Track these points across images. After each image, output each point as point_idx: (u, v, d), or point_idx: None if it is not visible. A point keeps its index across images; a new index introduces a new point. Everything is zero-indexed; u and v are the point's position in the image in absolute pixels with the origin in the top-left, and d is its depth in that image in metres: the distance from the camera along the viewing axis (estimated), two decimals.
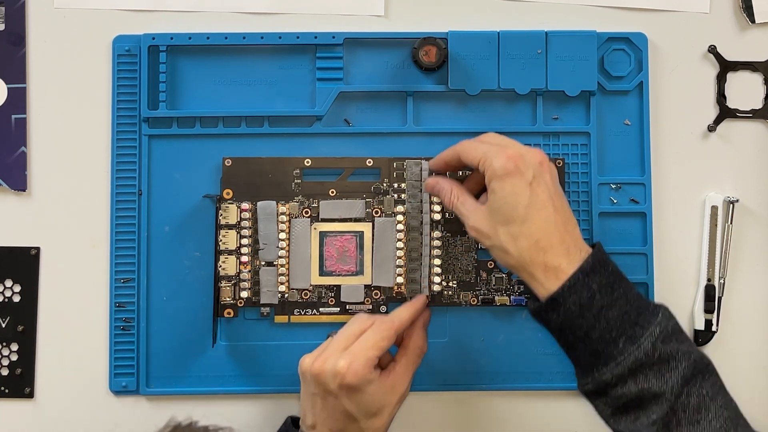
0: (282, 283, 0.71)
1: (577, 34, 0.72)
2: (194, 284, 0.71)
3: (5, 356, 0.71)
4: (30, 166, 0.72)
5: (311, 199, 0.71)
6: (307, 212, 0.71)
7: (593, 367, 0.60)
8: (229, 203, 0.71)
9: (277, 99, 0.72)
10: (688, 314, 0.72)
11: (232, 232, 0.71)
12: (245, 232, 0.70)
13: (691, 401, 0.59)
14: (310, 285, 0.71)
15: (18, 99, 0.72)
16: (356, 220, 0.71)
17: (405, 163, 0.71)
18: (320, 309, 0.71)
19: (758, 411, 0.72)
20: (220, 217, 0.70)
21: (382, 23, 0.73)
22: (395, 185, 0.71)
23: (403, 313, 0.66)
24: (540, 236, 0.61)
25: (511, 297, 0.71)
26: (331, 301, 0.71)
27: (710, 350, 0.72)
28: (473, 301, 0.71)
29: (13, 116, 0.72)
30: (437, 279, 0.71)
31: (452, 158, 0.66)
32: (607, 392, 0.60)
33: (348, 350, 0.62)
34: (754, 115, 0.74)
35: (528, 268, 0.61)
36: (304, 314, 0.71)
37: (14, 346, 0.71)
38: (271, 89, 0.72)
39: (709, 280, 0.72)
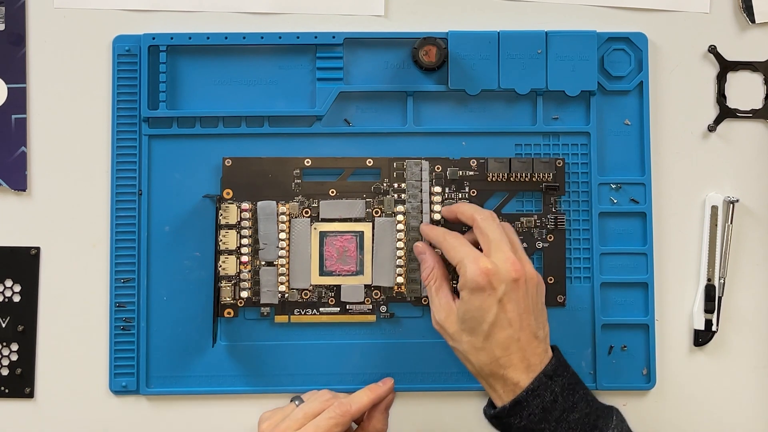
0: (282, 283, 0.71)
1: (577, 34, 0.72)
2: (194, 284, 0.71)
3: (5, 356, 0.71)
4: (30, 166, 0.72)
5: (311, 199, 0.71)
6: (307, 212, 0.71)
7: None
8: (229, 203, 0.71)
9: (277, 99, 0.72)
10: (688, 314, 0.72)
11: (232, 232, 0.71)
12: (245, 232, 0.70)
13: None
14: (310, 285, 0.71)
15: (18, 99, 0.72)
16: (356, 220, 0.71)
17: (405, 163, 0.71)
18: (320, 309, 0.71)
19: (758, 411, 0.72)
20: (220, 217, 0.70)
21: (382, 23, 0.73)
22: (395, 185, 0.71)
23: (363, 397, 0.67)
24: (501, 354, 0.61)
25: None
26: (331, 301, 0.71)
27: (710, 350, 0.72)
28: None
29: (13, 116, 0.72)
30: None
31: (435, 243, 0.68)
32: None
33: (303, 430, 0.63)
34: (754, 115, 0.74)
35: (487, 379, 0.63)
36: (304, 314, 0.71)
37: (14, 346, 0.71)
38: (271, 89, 0.72)
39: (709, 280, 0.72)
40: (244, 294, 0.70)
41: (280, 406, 0.68)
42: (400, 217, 0.71)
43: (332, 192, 0.71)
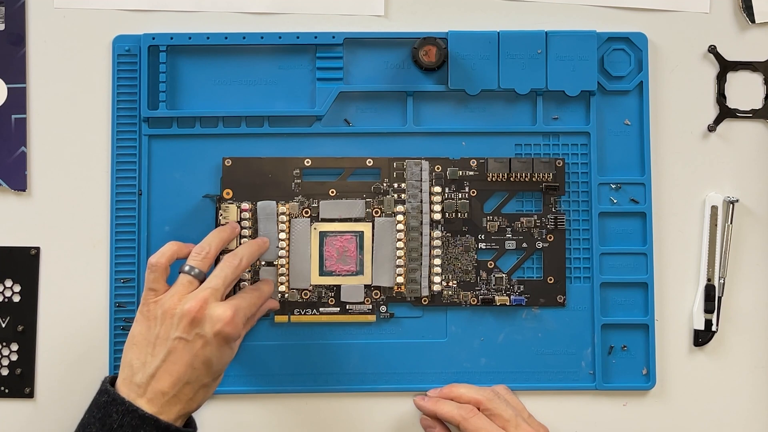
0: (282, 283, 0.71)
1: (577, 34, 0.72)
2: None
3: (5, 356, 0.71)
4: (30, 166, 0.72)
5: (311, 199, 0.71)
6: (307, 212, 0.71)
7: None
8: (229, 203, 0.71)
9: (277, 99, 0.72)
10: (688, 314, 0.72)
11: None
12: (245, 232, 0.70)
13: None
14: (310, 285, 0.71)
15: (18, 99, 0.72)
16: (356, 220, 0.71)
17: (405, 163, 0.71)
18: (320, 309, 0.71)
19: (758, 411, 0.72)
20: (220, 217, 0.70)
21: (382, 23, 0.73)
22: (395, 185, 0.71)
23: (265, 288, 0.67)
24: None
25: (511, 297, 0.71)
26: (331, 301, 0.71)
27: (710, 350, 0.72)
28: (473, 301, 0.71)
29: (13, 116, 0.72)
30: (437, 279, 0.71)
31: (449, 419, 0.67)
32: None
33: (229, 301, 0.61)
34: (754, 115, 0.74)
35: None
36: (304, 314, 0.71)
37: (14, 346, 0.71)
38: (271, 89, 0.72)
39: (709, 280, 0.72)
40: None
41: (152, 291, 0.63)
42: (400, 217, 0.71)
43: (332, 192, 0.71)
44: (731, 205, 0.72)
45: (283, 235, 0.71)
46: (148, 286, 0.63)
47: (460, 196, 0.71)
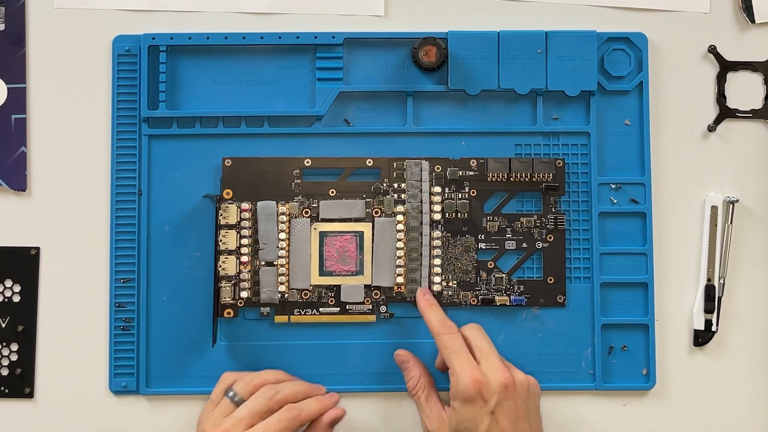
0: (282, 283, 0.71)
1: (577, 34, 0.72)
2: (194, 284, 0.71)
3: (5, 356, 0.71)
4: (30, 166, 0.72)
5: (311, 199, 0.71)
6: (307, 212, 0.71)
7: None
8: (229, 203, 0.71)
9: (277, 99, 0.72)
10: (688, 314, 0.72)
11: (232, 232, 0.71)
12: (245, 232, 0.70)
13: None
14: (310, 285, 0.71)
15: (18, 99, 0.72)
16: (356, 220, 0.71)
17: (405, 163, 0.71)
18: (320, 309, 0.71)
19: (758, 411, 0.72)
20: (220, 217, 0.70)
21: (382, 23, 0.73)
22: (395, 185, 0.71)
23: (311, 405, 0.67)
24: None
25: (511, 297, 0.71)
26: (331, 301, 0.71)
27: (710, 350, 0.72)
28: (473, 301, 0.71)
29: (13, 116, 0.72)
30: (437, 279, 0.71)
31: (431, 329, 0.67)
32: None
33: (253, 429, 0.64)
34: (754, 115, 0.74)
35: None
36: (304, 314, 0.71)
37: (14, 346, 0.71)
38: (271, 89, 0.72)
39: (709, 280, 0.72)
40: (244, 294, 0.70)
41: (211, 401, 0.67)
42: (400, 217, 0.71)
43: (332, 192, 0.71)
44: (731, 205, 0.72)
45: (283, 235, 0.71)
46: (211, 395, 0.68)
47: (460, 196, 0.71)
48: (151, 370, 0.71)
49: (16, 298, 0.72)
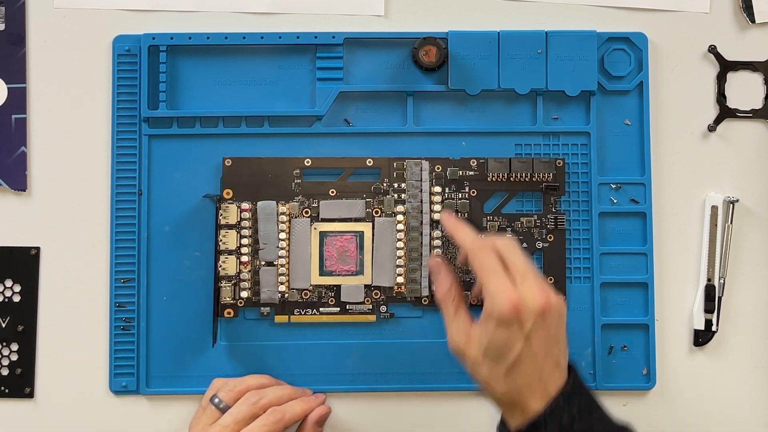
0: (282, 283, 0.71)
1: (577, 34, 0.72)
2: (194, 284, 0.71)
3: (5, 356, 0.71)
4: (30, 166, 0.72)
5: (311, 199, 0.71)
6: (307, 212, 0.71)
7: None
8: (229, 203, 0.71)
9: (277, 99, 0.72)
10: (688, 314, 0.72)
11: (232, 232, 0.71)
12: (245, 232, 0.71)
13: None
14: (310, 285, 0.71)
15: (18, 99, 0.72)
16: (356, 220, 0.71)
17: (405, 163, 0.71)
18: (320, 309, 0.71)
19: (758, 411, 0.72)
20: (220, 217, 0.70)
21: (382, 23, 0.73)
22: (395, 185, 0.71)
23: (296, 407, 0.67)
24: (523, 384, 0.60)
25: None
26: (331, 301, 0.71)
27: (710, 350, 0.72)
28: (473, 301, 0.71)
29: (13, 116, 0.72)
30: None
31: (459, 243, 0.64)
32: None
33: None
34: (754, 115, 0.74)
35: (505, 406, 0.61)
36: (304, 314, 0.71)
37: (14, 346, 0.71)
38: (271, 89, 0.72)
39: (709, 280, 0.72)
40: (244, 294, 0.70)
41: (201, 407, 0.68)
42: (400, 217, 0.71)
43: (332, 192, 0.71)
44: (731, 205, 0.72)
45: (283, 235, 0.71)
46: (201, 401, 0.68)
47: (460, 196, 0.71)
48: (151, 370, 0.71)
49: (16, 298, 0.72)
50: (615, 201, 0.72)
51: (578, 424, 0.59)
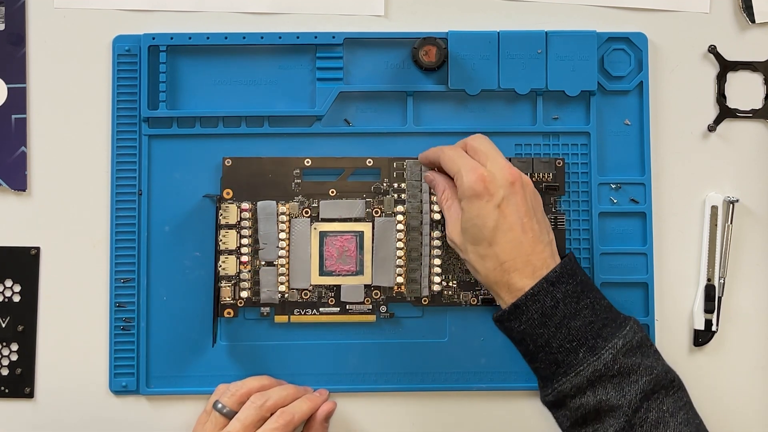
0: (282, 283, 0.71)
1: (577, 34, 0.72)
2: (194, 284, 0.71)
3: (5, 356, 0.71)
4: (30, 166, 0.72)
5: (311, 199, 0.71)
6: (307, 212, 0.71)
7: (553, 378, 0.61)
8: (229, 203, 0.71)
9: (277, 99, 0.72)
10: (688, 314, 0.72)
11: (232, 232, 0.71)
12: (245, 232, 0.71)
13: (650, 416, 0.59)
14: (310, 285, 0.71)
15: (18, 99, 0.72)
16: (356, 220, 0.71)
17: (405, 163, 0.71)
18: (320, 309, 0.71)
19: (758, 411, 0.72)
20: (220, 217, 0.70)
21: (382, 23, 0.73)
22: (395, 185, 0.71)
23: (303, 406, 0.67)
24: (505, 258, 0.62)
25: None
26: (331, 301, 0.71)
27: (710, 350, 0.72)
28: (473, 301, 0.71)
29: (13, 116, 0.72)
30: (437, 279, 0.71)
31: (434, 161, 0.67)
32: (566, 403, 0.61)
33: None
34: (754, 115, 0.74)
35: (494, 287, 0.63)
36: (304, 314, 0.71)
37: (14, 346, 0.71)
38: (271, 89, 0.72)
39: (709, 280, 0.72)
40: (244, 294, 0.70)
41: (205, 412, 0.68)
42: (400, 217, 0.71)
43: (332, 192, 0.71)
44: (731, 205, 0.72)
45: (283, 235, 0.71)
46: (206, 406, 0.68)
47: None
48: (151, 370, 0.71)
49: (16, 298, 0.72)
50: (615, 201, 0.72)
51: (562, 309, 0.60)
